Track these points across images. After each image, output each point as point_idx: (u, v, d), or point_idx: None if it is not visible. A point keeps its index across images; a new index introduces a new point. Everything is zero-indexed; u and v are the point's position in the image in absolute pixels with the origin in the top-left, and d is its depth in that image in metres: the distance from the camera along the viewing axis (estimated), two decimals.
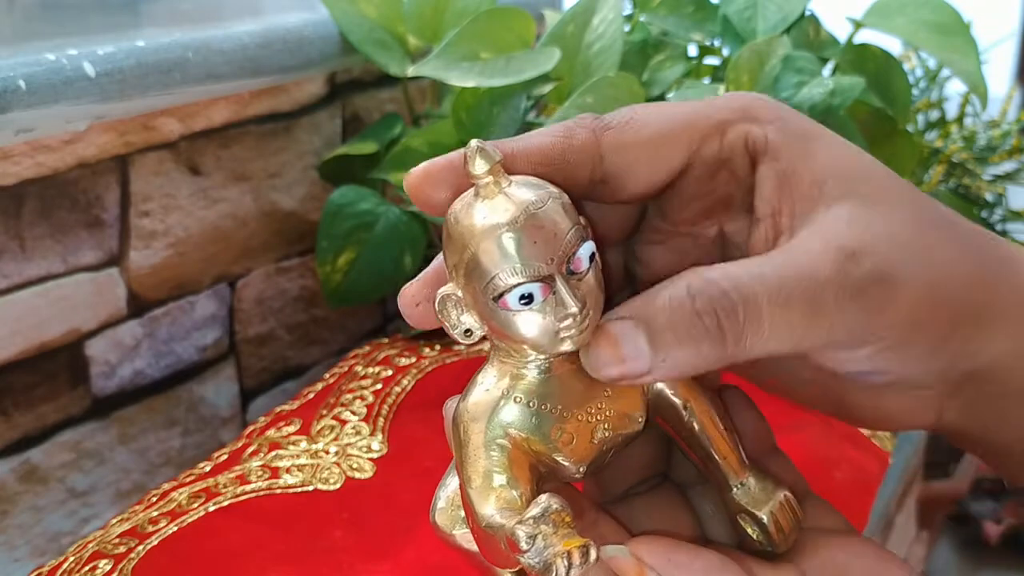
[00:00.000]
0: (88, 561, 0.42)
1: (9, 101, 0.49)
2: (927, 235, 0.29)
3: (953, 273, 0.29)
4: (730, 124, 0.31)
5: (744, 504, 0.31)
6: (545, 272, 0.26)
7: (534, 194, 0.27)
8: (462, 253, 0.27)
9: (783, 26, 0.61)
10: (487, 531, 0.27)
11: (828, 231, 0.28)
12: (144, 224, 0.62)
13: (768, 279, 0.26)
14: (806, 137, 0.31)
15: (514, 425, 0.28)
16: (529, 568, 0.25)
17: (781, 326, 0.26)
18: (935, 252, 0.29)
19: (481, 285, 0.27)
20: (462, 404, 0.29)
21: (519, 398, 0.28)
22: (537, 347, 0.27)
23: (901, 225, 0.29)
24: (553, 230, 0.27)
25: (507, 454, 0.28)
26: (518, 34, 0.64)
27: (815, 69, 0.60)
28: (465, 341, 0.28)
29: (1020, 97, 1.36)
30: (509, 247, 0.26)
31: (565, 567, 0.24)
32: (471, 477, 0.28)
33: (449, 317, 0.28)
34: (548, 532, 0.25)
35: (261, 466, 0.48)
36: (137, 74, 0.55)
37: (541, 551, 0.25)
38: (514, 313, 0.27)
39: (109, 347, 0.62)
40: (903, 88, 0.65)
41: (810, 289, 0.26)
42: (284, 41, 0.64)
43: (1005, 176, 0.80)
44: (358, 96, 0.76)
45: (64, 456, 0.61)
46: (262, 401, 0.73)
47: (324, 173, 0.72)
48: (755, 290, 0.26)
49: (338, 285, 0.66)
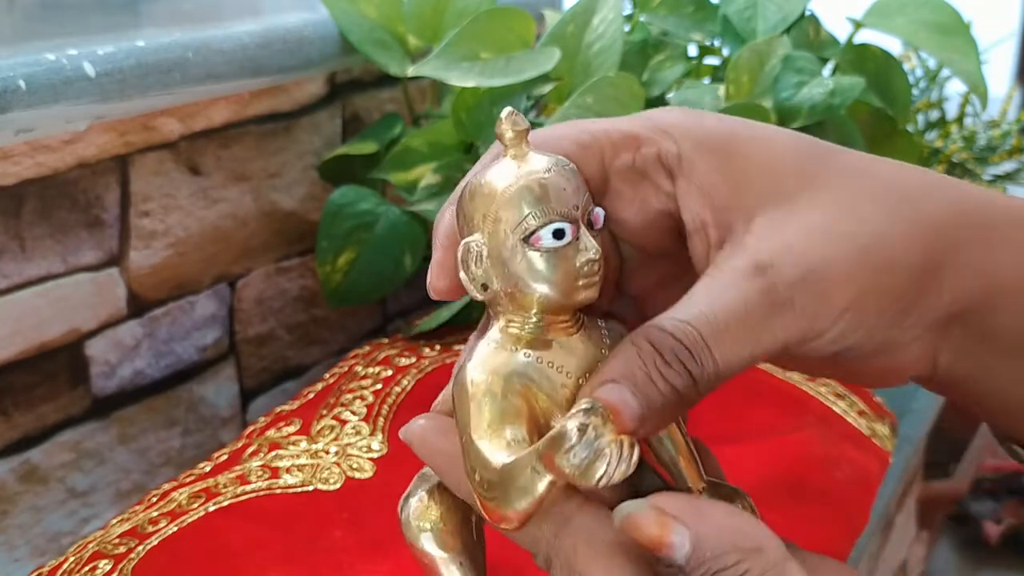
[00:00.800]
0: (88, 561, 0.42)
1: (9, 101, 0.49)
2: (852, 214, 0.30)
3: (886, 241, 0.29)
4: (643, 139, 0.32)
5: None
6: (574, 215, 0.29)
7: (556, 157, 0.30)
8: (493, 202, 0.29)
9: (783, 26, 0.61)
10: (502, 473, 0.27)
11: (745, 246, 0.30)
12: (144, 224, 0.62)
13: (703, 317, 0.28)
14: (721, 148, 0.32)
15: (525, 377, 0.29)
16: (571, 470, 0.25)
17: (730, 354, 0.28)
18: (862, 227, 0.29)
19: (513, 226, 0.28)
20: (469, 363, 0.29)
21: (528, 354, 0.29)
22: (552, 294, 0.29)
23: (821, 215, 0.30)
24: (577, 185, 0.29)
25: (515, 406, 0.29)
26: (518, 34, 0.64)
27: (815, 69, 0.60)
28: (478, 295, 0.29)
29: (1020, 97, 1.36)
30: (545, 191, 0.28)
31: (618, 456, 0.25)
32: (480, 429, 0.28)
33: (469, 268, 0.29)
34: (598, 423, 0.26)
35: (261, 466, 0.48)
36: (137, 74, 0.55)
37: (592, 442, 0.25)
38: (542, 254, 0.28)
39: (109, 347, 0.62)
40: (903, 88, 0.65)
41: (739, 315, 0.28)
42: (284, 41, 0.64)
43: (1005, 176, 0.80)
44: (358, 96, 0.76)
45: (64, 456, 0.61)
46: (262, 401, 0.73)
47: (324, 173, 0.72)
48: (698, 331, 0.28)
49: (338, 285, 0.66)
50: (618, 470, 0.25)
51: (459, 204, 0.30)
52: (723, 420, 0.52)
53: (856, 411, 0.53)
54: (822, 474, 0.48)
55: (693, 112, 0.33)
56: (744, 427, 0.51)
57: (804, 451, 0.49)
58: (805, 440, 0.50)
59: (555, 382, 0.29)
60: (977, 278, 0.30)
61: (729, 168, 0.31)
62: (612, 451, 0.25)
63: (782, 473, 0.48)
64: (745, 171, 0.31)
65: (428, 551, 0.32)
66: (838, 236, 0.29)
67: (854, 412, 0.53)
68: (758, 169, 0.31)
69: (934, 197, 0.31)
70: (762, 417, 0.52)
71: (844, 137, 0.60)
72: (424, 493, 0.32)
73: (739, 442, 0.50)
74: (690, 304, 0.29)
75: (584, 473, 0.25)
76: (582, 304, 0.29)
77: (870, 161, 0.32)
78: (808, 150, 0.32)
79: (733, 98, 0.60)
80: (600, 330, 0.31)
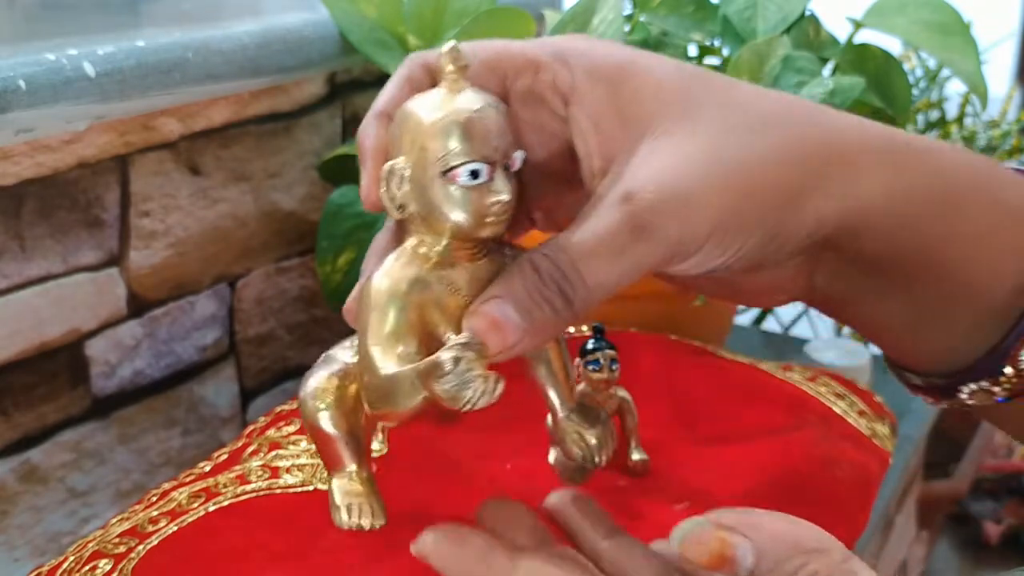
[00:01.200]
0: (88, 561, 0.42)
1: (9, 101, 0.49)
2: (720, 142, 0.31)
3: (749, 168, 0.31)
4: (542, 64, 0.34)
5: (576, 426, 0.37)
6: (493, 157, 0.31)
7: (489, 97, 0.32)
8: (420, 131, 0.31)
9: (783, 26, 0.61)
10: (387, 380, 0.31)
11: (620, 176, 0.32)
12: (144, 224, 0.62)
13: (577, 243, 0.31)
14: (615, 78, 0.33)
15: (424, 295, 0.32)
16: (442, 393, 0.29)
17: (598, 276, 0.31)
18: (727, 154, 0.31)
19: (435, 158, 0.31)
20: (376, 276, 0.33)
21: (431, 273, 0.32)
22: (463, 225, 0.31)
23: (691, 144, 0.31)
24: (502, 127, 0.32)
25: (408, 320, 0.32)
26: (518, 34, 0.64)
27: (815, 69, 0.60)
28: (395, 215, 0.33)
29: (1020, 97, 1.36)
30: (469, 130, 0.31)
31: (482, 389, 0.29)
32: (377, 337, 0.32)
33: (390, 188, 0.32)
34: (471, 357, 0.29)
35: (261, 466, 0.48)
36: (137, 74, 0.55)
37: (462, 373, 0.29)
38: (457, 188, 0.31)
39: (109, 347, 0.62)
40: (903, 88, 0.65)
41: (605, 241, 0.30)
42: (284, 41, 0.64)
43: None
44: (358, 96, 0.76)
45: (64, 456, 0.61)
46: (262, 401, 0.73)
47: (324, 173, 0.72)
48: (570, 256, 0.31)
49: (338, 285, 0.66)
50: (482, 399, 0.29)
51: (394, 121, 0.33)
52: (723, 420, 0.52)
53: (856, 411, 0.53)
54: (822, 474, 0.48)
55: (592, 41, 0.35)
56: (744, 427, 0.51)
57: (804, 451, 0.49)
58: (805, 440, 0.50)
59: (449, 303, 0.32)
60: (841, 205, 0.32)
61: (616, 98, 0.33)
62: (478, 384, 0.29)
63: (782, 473, 0.48)
64: (631, 101, 0.33)
65: (323, 427, 0.37)
66: (703, 164, 0.31)
67: (854, 412, 0.53)
68: (643, 99, 0.33)
69: (802, 127, 0.32)
70: (762, 417, 0.52)
71: None
72: (324, 375, 0.37)
73: (739, 442, 0.50)
74: (568, 231, 0.31)
75: (453, 399, 0.29)
76: (489, 237, 0.32)
77: (749, 92, 0.33)
78: (691, 81, 0.33)
79: None
80: (505, 258, 0.33)
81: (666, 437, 0.50)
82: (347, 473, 0.38)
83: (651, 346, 0.58)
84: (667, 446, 0.49)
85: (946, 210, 0.33)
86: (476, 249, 0.33)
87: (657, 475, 0.48)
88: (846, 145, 0.32)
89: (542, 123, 0.35)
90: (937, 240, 0.33)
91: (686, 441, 0.50)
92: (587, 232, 0.31)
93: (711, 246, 0.31)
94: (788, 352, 0.76)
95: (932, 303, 0.34)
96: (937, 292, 0.33)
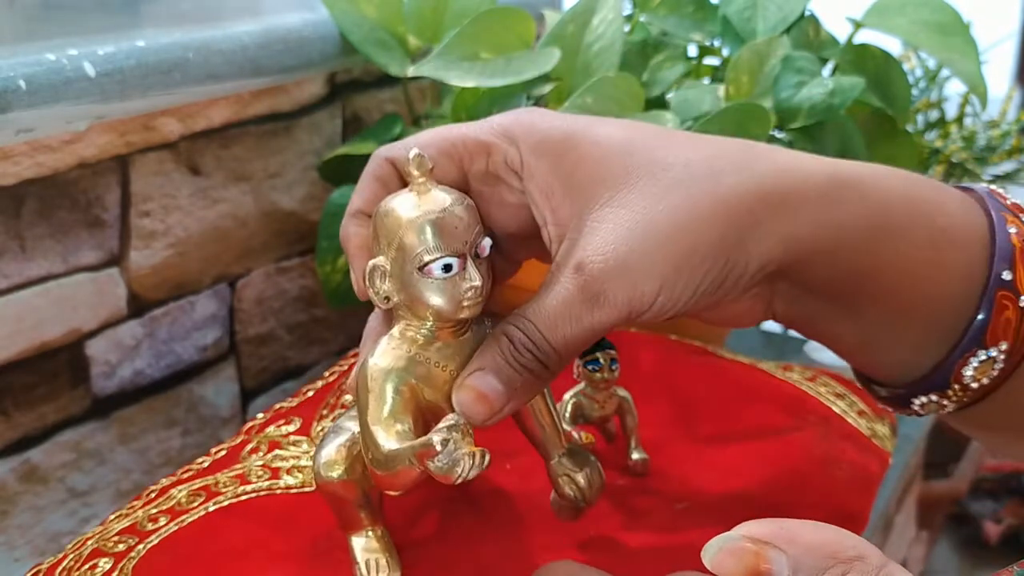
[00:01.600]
0: (88, 559, 0.42)
1: (9, 101, 0.49)
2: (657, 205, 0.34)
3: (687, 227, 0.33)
4: (492, 146, 0.37)
5: (566, 469, 0.41)
6: (462, 250, 0.35)
7: (455, 195, 0.36)
8: (396, 232, 0.35)
9: (783, 26, 0.61)
10: (387, 457, 0.35)
11: (573, 245, 0.35)
12: (144, 224, 0.63)
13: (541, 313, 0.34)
14: (559, 149, 0.36)
15: (415, 375, 0.36)
16: (436, 471, 0.32)
17: (563, 339, 0.34)
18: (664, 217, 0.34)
19: (411, 256, 0.35)
20: (371, 359, 0.36)
21: (418, 355, 0.36)
22: (442, 311, 0.35)
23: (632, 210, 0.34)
24: (468, 221, 0.35)
25: (403, 398, 0.36)
26: (518, 34, 0.64)
27: (815, 69, 0.60)
28: (382, 306, 0.36)
29: (1020, 97, 1.36)
30: (439, 229, 0.35)
31: (470, 464, 0.32)
32: (376, 417, 0.36)
33: (374, 284, 0.36)
34: (458, 438, 0.32)
35: (261, 466, 0.48)
36: (137, 74, 0.55)
37: (451, 452, 0.32)
38: (433, 281, 0.35)
39: (109, 347, 0.62)
40: (903, 88, 0.65)
41: (564, 309, 0.34)
42: (284, 41, 0.64)
43: (1005, 176, 0.80)
44: (358, 96, 0.76)
45: (64, 456, 0.61)
46: (262, 401, 0.73)
47: (324, 173, 0.72)
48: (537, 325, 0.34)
49: (338, 285, 0.66)
50: (471, 472, 0.32)
51: (372, 221, 0.37)
52: (723, 420, 0.52)
53: (856, 411, 0.53)
54: (822, 474, 0.48)
55: (535, 113, 0.37)
56: (744, 427, 0.51)
57: (804, 451, 0.49)
58: (805, 440, 0.50)
59: (439, 379, 0.36)
60: (781, 244, 0.34)
61: (562, 170, 0.36)
62: (466, 460, 0.32)
63: (782, 473, 0.48)
64: (576, 172, 0.35)
65: (338, 494, 0.40)
66: (643, 230, 0.33)
67: (854, 412, 0.53)
68: (588, 168, 0.35)
69: (733, 176, 0.34)
70: (762, 417, 0.52)
71: (844, 137, 0.60)
72: (335, 446, 0.39)
73: (739, 442, 0.50)
74: (534, 300, 0.35)
75: (445, 475, 0.32)
76: (466, 318, 0.36)
77: (682, 147, 0.35)
78: (630, 144, 0.35)
79: (733, 98, 0.60)
80: (485, 329, 0.37)
81: (666, 437, 0.50)
82: (364, 532, 0.41)
83: (651, 346, 0.58)
84: (667, 446, 0.49)
85: (883, 237, 0.35)
86: (458, 327, 0.37)
87: (657, 475, 0.48)
88: (779, 187, 0.34)
89: (504, 199, 0.38)
90: (876, 267, 0.35)
91: (686, 441, 0.50)
92: (548, 301, 0.34)
93: (662, 301, 0.34)
94: (788, 352, 0.76)
95: (878, 323, 0.36)
96: (881, 313, 0.36)
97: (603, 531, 0.44)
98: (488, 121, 0.38)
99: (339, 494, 0.40)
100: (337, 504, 0.40)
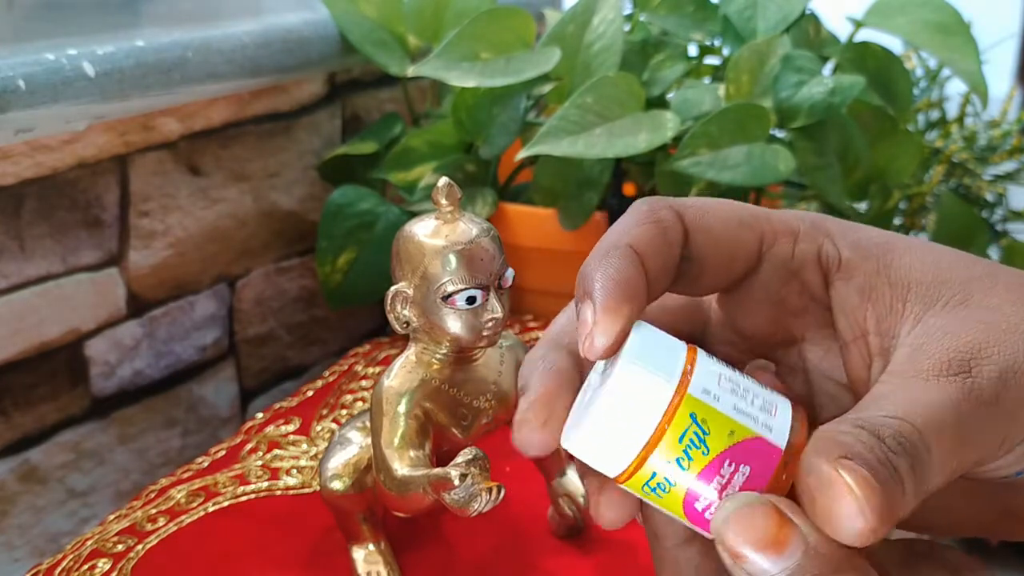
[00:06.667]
0: (87, 559, 0.42)
1: (9, 101, 0.49)
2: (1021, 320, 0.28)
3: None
4: (802, 233, 0.31)
5: (567, 489, 0.42)
6: (487, 283, 0.35)
7: (482, 225, 0.36)
8: (422, 260, 0.35)
9: (783, 25, 0.61)
10: (401, 482, 0.35)
11: (930, 347, 0.27)
12: (144, 224, 0.62)
13: (913, 415, 0.25)
14: (880, 252, 0.30)
15: (429, 398, 0.37)
16: (452, 503, 0.32)
17: (943, 458, 0.25)
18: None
19: (435, 286, 0.35)
20: (387, 382, 0.37)
21: (434, 380, 0.37)
22: (461, 339, 0.36)
23: (1001, 314, 0.28)
24: (493, 253, 0.36)
25: (419, 423, 0.36)
26: (518, 34, 0.64)
27: (815, 68, 0.60)
28: (400, 331, 0.37)
29: (1020, 97, 1.36)
30: (465, 260, 0.35)
31: (487, 499, 0.32)
32: (389, 440, 0.36)
33: (395, 309, 0.37)
34: (476, 473, 0.32)
35: (261, 467, 0.48)
36: (137, 74, 0.55)
37: (469, 487, 0.32)
38: (456, 311, 0.35)
39: (109, 347, 0.62)
40: (904, 87, 0.65)
41: (948, 417, 0.25)
42: (284, 41, 0.64)
43: (1005, 176, 0.80)
44: (358, 96, 0.76)
45: (64, 456, 0.61)
46: (262, 401, 0.73)
47: (324, 173, 0.72)
48: (912, 426, 0.25)
49: (338, 285, 0.66)
50: (487, 507, 0.32)
51: (394, 246, 0.37)
52: None
53: None
54: None
55: (846, 221, 0.32)
56: None
57: None
58: None
59: (453, 402, 0.37)
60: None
61: (890, 273, 0.30)
62: (484, 496, 0.32)
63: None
64: (907, 276, 0.30)
65: (343, 507, 0.40)
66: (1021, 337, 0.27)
67: None
68: (920, 274, 0.30)
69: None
70: None
71: (845, 136, 0.60)
72: (341, 461, 0.40)
73: None
74: (883, 405, 0.26)
75: (462, 508, 0.32)
76: (483, 347, 0.37)
77: (1008, 269, 0.30)
78: (967, 257, 0.30)
79: (733, 98, 0.60)
80: (499, 354, 0.38)
81: None
82: (366, 545, 0.41)
83: None
84: None
85: None
86: (473, 352, 0.37)
87: None
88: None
89: (784, 296, 0.31)
90: None
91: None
92: (918, 405, 0.26)
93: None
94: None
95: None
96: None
97: (603, 531, 0.44)
98: (787, 212, 0.32)
99: (343, 507, 0.40)
100: (341, 515, 0.41)
